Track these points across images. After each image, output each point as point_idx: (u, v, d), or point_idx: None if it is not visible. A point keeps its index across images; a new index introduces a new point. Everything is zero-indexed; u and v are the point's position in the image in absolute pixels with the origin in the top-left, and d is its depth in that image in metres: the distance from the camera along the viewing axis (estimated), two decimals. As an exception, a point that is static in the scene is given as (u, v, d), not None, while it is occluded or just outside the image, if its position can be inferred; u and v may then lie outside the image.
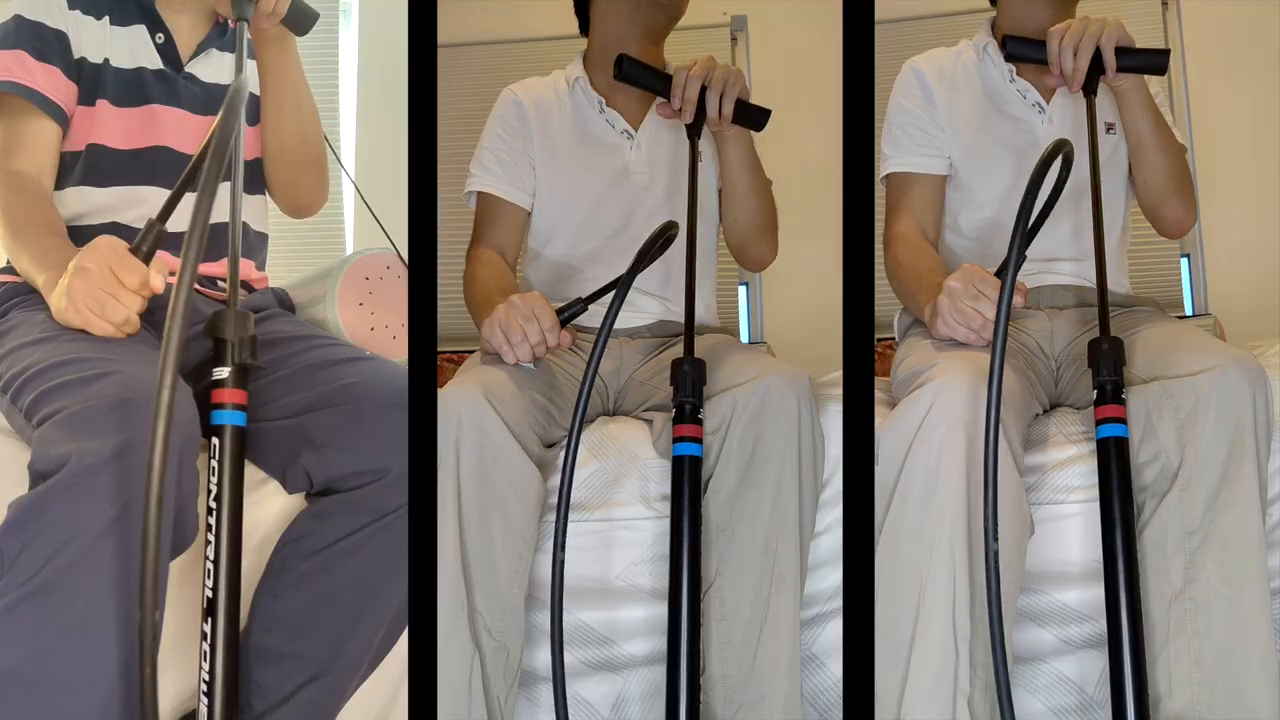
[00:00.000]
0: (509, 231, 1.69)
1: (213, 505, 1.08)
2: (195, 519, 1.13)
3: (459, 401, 1.29)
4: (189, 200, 1.48)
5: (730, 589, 1.31)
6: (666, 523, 1.37)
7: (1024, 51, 1.53)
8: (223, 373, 1.11)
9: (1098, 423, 1.22)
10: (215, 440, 1.09)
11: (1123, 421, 1.22)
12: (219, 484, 1.08)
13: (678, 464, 1.29)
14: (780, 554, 1.31)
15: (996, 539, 1.04)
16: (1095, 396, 1.23)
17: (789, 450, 1.32)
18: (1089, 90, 1.46)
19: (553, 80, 1.75)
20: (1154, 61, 1.50)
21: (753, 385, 1.33)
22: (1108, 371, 1.23)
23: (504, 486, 1.29)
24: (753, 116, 1.58)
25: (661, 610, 1.36)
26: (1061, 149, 1.16)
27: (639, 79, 1.59)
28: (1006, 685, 1.04)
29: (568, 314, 1.43)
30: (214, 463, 1.09)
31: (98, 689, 0.99)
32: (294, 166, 1.60)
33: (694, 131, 1.54)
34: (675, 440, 1.30)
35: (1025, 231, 1.10)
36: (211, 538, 1.07)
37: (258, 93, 1.63)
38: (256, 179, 1.63)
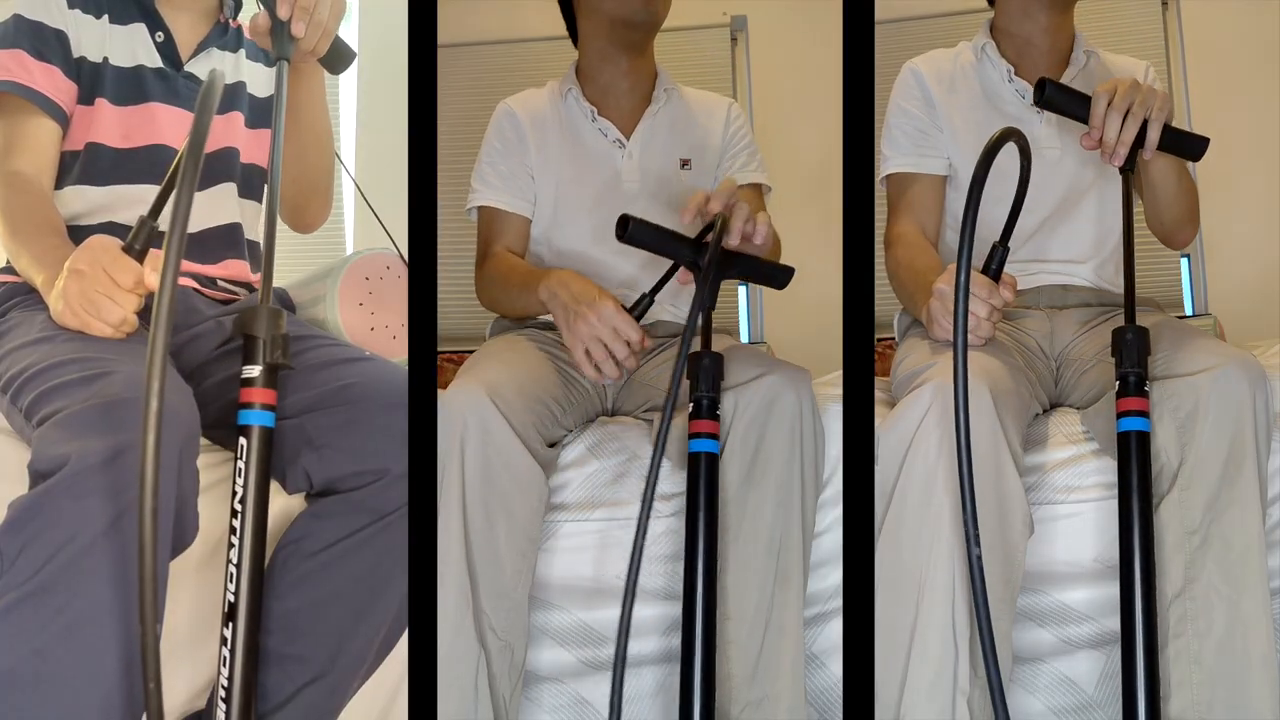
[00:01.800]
0: (516, 240, 1.70)
1: (237, 508, 1.06)
2: (195, 519, 1.12)
3: (463, 401, 1.29)
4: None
5: (734, 587, 1.31)
6: (667, 522, 1.37)
7: (1062, 103, 1.39)
8: (253, 371, 1.08)
9: (1119, 415, 1.20)
10: (242, 440, 1.07)
11: (1145, 415, 1.20)
12: (244, 486, 1.06)
13: (694, 461, 1.26)
14: (784, 552, 1.31)
15: (978, 544, 1.03)
16: (1117, 388, 1.21)
17: (792, 448, 1.32)
18: (1126, 168, 1.36)
19: (547, 91, 1.77)
20: (1193, 147, 1.40)
21: (755, 384, 1.33)
22: (1131, 363, 1.21)
23: (508, 486, 1.29)
24: (771, 275, 1.47)
25: (663, 610, 1.36)
26: (1010, 136, 1.14)
27: (647, 243, 1.39)
28: (1000, 688, 1.03)
29: (638, 314, 1.43)
30: (240, 463, 1.06)
31: (98, 688, 0.99)
32: (305, 192, 1.61)
33: (703, 297, 1.32)
34: (691, 436, 1.28)
35: (975, 219, 1.05)
36: (235, 540, 1.06)
37: (259, 94, 1.63)
38: (255, 185, 1.63)
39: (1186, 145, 1.40)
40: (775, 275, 1.47)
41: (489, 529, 1.27)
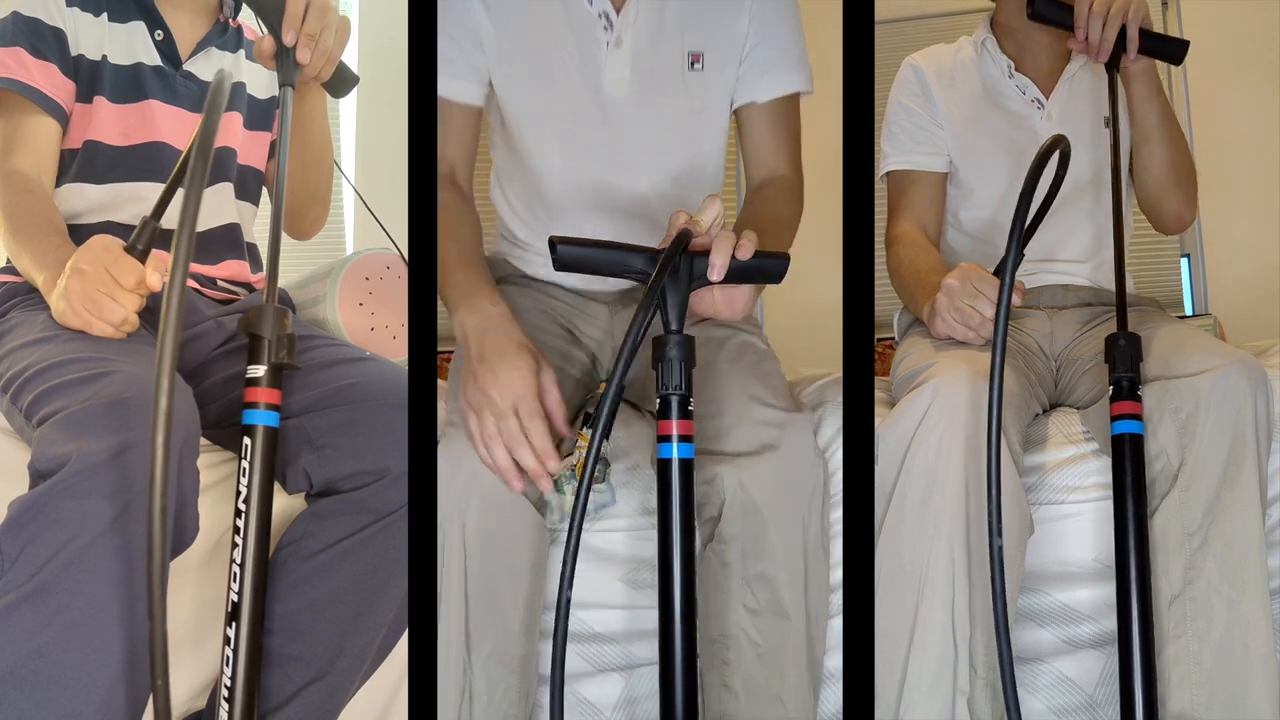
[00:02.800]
0: (461, 145, 1.39)
1: (241, 508, 1.06)
2: (195, 519, 1.12)
3: (463, 476, 1.18)
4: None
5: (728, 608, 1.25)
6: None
7: (1049, 13, 1.52)
8: (257, 370, 1.08)
9: (1113, 419, 1.22)
10: (246, 440, 1.07)
11: (1138, 418, 1.22)
12: (249, 486, 1.06)
13: (663, 469, 1.03)
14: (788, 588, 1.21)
15: (1000, 534, 1.04)
16: (1111, 392, 1.23)
17: (796, 524, 1.21)
18: (1112, 65, 1.46)
19: None
20: (1174, 50, 1.51)
21: (761, 459, 1.19)
22: (1124, 368, 1.23)
23: (513, 550, 1.20)
24: (757, 270, 1.11)
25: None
26: (1059, 144, 1.15)
27: (586, 265, 1.07)
28: (1012, 681, 1.04)
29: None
30: (244, 463, 1.07)
31: (98, 688, 0.99)
32: (305, 203, 1.62)
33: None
34: (660, 439, 1.04)
35: (1023, 229, 1.09)
36: (239, 540, 1.06)
37: (258, 95, 1.63)
38: (252, 188, 1.63)
39: (1166, 48, 1.51)
40: (762, 270, 1.09)
41: (490, 591, 1.19)
